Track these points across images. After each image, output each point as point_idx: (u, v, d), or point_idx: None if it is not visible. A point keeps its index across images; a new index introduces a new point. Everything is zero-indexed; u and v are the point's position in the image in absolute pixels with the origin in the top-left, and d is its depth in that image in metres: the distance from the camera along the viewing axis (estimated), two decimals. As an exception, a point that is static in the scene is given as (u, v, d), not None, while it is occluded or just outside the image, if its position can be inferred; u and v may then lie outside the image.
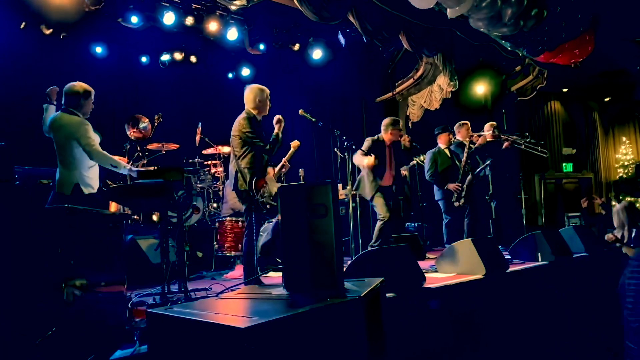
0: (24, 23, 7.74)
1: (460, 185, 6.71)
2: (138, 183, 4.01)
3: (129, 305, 4.16)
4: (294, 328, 1.99)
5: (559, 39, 6.22)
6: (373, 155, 5.88)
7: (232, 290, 3.32)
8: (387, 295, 3.74)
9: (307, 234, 2.60)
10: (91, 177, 4.44)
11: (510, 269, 5.22)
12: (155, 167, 4.63)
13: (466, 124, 7.20)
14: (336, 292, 2.52)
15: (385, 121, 6.37)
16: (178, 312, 2.17)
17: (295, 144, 5.60)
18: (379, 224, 6.09)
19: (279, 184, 5.33)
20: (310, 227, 2.61)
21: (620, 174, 12.56)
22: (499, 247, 5.54)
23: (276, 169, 5.53)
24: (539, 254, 5.87)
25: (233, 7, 7.05)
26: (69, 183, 4.34)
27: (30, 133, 7.57)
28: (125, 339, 2.73)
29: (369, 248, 5.54)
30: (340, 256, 2.63)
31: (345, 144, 5.41)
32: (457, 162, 7.01)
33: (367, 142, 6.17)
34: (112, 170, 4.55)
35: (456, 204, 6.66)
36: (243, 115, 4.86)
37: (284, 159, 5.52)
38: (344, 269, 3.38)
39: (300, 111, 5.40)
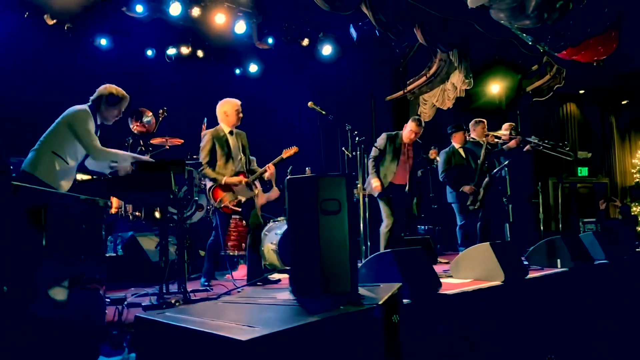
0: (27, 12, 7.53)
1: (476, 188, 6.39)
2: (136, 175, 3.75)
3: (124, 305, 3.91)
4: (303, 340, 1.72)
5: (584, 34, 5.92)
6: (379, 183, 5.67)
7: (234, 292, 3.06)
8: (403, 301, 3.46)
9: (317, 232, 2.33)
10: (58, 170, 3.96)
11: (529, 275, 4.92)
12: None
13: (482, 122, 6.90)
14: (350, 299, 2.25)
15: (412, 121, 6.13)
16: (170, 318, 1.90)
17: (288, 152, 5.52)
18: (383, 230, 5.80)
19: (255, 191, 5.16)
20: (321, 224, 2.33)
21: (637, 180, 12.22)
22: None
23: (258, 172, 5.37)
24: (558, 260, 5.57)
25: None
26: (30, 161, 3.93)
27: (30, 124, 7.37)
28: (114, 344, 2.47)
29: None
30: (355, 258, 2.36)
31: (357, 139, 5.14)
32: (471, 162, 6.71)
33: (382, 138, 5.93)
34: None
35: (472, 207, 6.33)
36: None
37: (269, 164, 5.37)
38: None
39: (310, 103, 5.16)
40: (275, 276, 5.81)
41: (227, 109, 5.11)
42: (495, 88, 9.61)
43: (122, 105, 4.33)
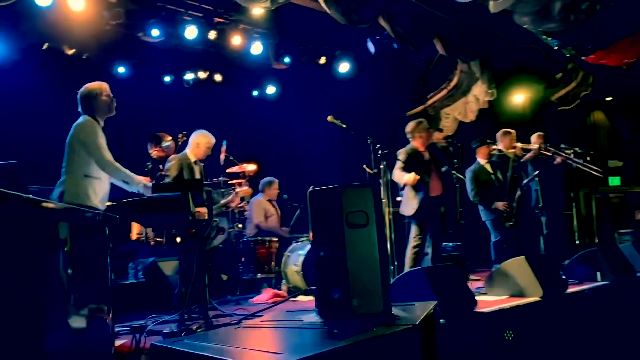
0: (46, 44, 7.59)
1: (509, 202, 6.09)
2: (151, 197, 3.62)
3: (144, 334, 3.76)
4: (335, 367, 1.53)
5: (613, 36, 5.68)
6: (413, 172, 5.38)
7: (256, 316, 2.87)
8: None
9: (343, 247, 2.15)
10: (96, 189, 3.86)
11: (569, 290, 4.64)
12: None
13: (510, 132, 6.60)
14: (383, 320, 2.05)
15: (408, 128, 5.81)
16: (189, 346, 1.72)
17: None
18: (410, 252, 5.50)
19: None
20: (348, 239, 2.15)
21: (671, 188, 11.76)
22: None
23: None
24: (598, 273, 5.28)
25: (256, 12, 6.74)
26: (68, 193, 3.80)
27: (50, 155, 7.39)
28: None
29: None
30: (387, 274, 2.17)
31: (379, 152, 4.96)
32: (500, 176, 6.41)
33: (402, 153, 5.61)
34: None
35: (508, 224, 6.03)
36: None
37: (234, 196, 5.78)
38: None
39: (330, 117, 5.02)
40: (300, 298, 5.62)
41: (200, 141, 5.14)
42: (520, 98, 9.35)
43: (105, 92, 4.13)
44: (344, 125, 4.95)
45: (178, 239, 6.26)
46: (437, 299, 3.47)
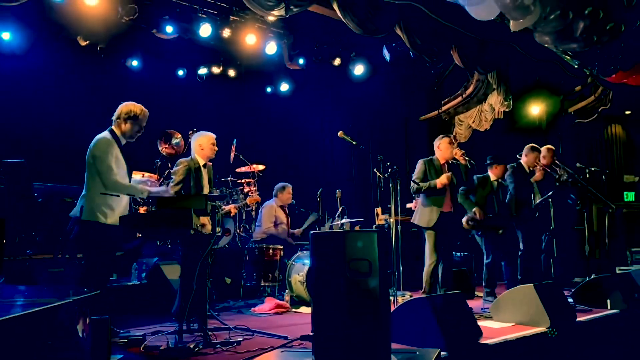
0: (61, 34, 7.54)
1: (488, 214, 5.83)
2: (152, 212, 3.56)
3: (142, 349, 3.71)
4: None
5: (636, 57, 5.51)
6: (445, 174, 5.28)
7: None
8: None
9: (345, 296, 2.06)
10: (113, 205, 4.00)
11: (578, 319, 4.52)
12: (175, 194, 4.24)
13: (538, 150, 6.25)
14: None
15: (436, 140, 5.65)
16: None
17: (251, 200, 6.65)
18: (426, 268, 5.39)
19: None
20: (350, 287, 2.06)
21: (688, 205, 11.51)
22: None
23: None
24: (608, 301, 5.15)
25: (271, 18, 6.63)
26: (86, 208, 3.95)
27: (62, 147, 7.36)
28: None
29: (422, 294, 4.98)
30: (388, 325, 2.08)
31: (389, 170, 4.85)
32: (500, 197, 6.14)
33: (420, 165, 5.45)
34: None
35: (499, 232, 5.88)
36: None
37: (233, 206, 5.77)
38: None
39: (340, 133, 4.92)
40: (303, 310, 5.55)
41: (203, 142, 4.91)
42: (536, 109, 9.17)
43: (142, 121, 4.26)
44: (354, 142, 4.85)
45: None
46: (440, 329, 3.38)
